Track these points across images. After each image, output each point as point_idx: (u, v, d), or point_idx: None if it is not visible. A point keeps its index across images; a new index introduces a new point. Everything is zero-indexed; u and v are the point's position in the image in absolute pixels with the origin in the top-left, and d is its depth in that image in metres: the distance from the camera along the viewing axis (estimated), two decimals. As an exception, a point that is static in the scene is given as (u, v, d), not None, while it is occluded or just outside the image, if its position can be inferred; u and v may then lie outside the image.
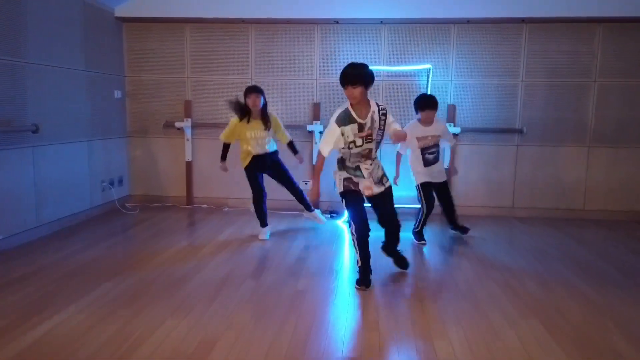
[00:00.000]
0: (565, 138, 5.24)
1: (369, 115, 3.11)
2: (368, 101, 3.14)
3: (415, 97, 4.23)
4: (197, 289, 3.14)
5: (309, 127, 5.33)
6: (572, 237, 4.57)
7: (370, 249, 3.32)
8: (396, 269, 3.56)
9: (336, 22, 5.23)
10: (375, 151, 3.25)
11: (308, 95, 5.43)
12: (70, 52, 4.55)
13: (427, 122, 4.14)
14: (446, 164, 5.30)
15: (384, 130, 3.19)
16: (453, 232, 4.55)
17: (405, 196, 5.21)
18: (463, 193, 5.38)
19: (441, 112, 5.20)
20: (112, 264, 3.57)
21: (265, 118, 4.21)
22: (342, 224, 4.98)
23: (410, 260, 3.69)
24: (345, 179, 3.27)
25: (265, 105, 4.22)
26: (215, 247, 4.06)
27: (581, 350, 2.43)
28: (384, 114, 3.18)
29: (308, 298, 3.04)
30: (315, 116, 5.38)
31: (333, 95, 5.35)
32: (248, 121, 4.17)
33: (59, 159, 4.43)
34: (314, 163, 5.45)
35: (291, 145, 4.48)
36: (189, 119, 5.50)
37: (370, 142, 3.15)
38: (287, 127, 5.37)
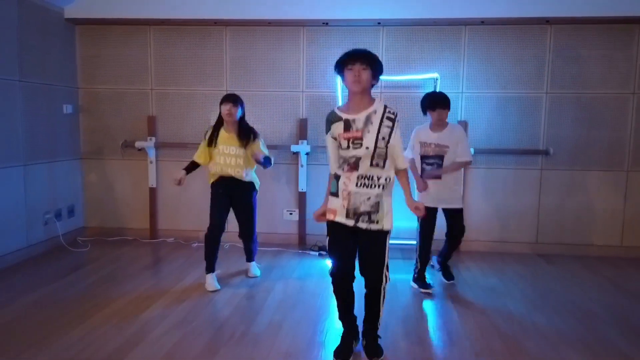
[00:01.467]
0: (599, 161, 4.39)
1: (365, 114, 2.35)
2: (370, 98, 2.41)
3: (422, 99, 3.52)
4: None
5: (294, 148, 4.49)
6: (614, 284, 3.71)
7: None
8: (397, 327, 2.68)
9: (326, 23, 4.42)
10: (373, 166, 2.33)
11: (293, 110, 4.60)
12: (-1, 58, 3.74)
13: (438, 125, 3.40)
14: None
15: (387, 141, 2.35)
16: (437, 266, 3.80)
17: (406, 228, 4.36)
18: (476, 225, 4.52)
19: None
20: (22, 333, 2.70)
21: (242, 133, 3.46)
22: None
23: (413, 321, 2.82)
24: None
25: (243, 119, 3.50)
26: (170, 300, 3.20)
27: None
28: (391, 120, 2.37)
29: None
30: (302, 135, 4.55)
31: (323, 109, 4.49)
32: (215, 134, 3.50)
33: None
34: (300, 189, 4.61)
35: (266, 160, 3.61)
36: (153, 138, 4.66)
37: (358, 147, 2.33)
38: (267, 147, 4.57)
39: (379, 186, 2.35)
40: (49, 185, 4.33)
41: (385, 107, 2.40)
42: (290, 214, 4.65)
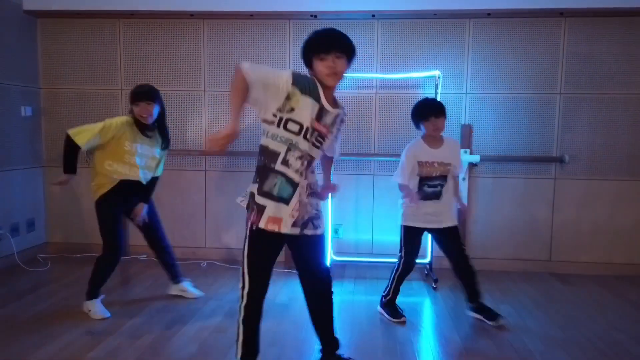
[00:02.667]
0: (620, 169, 3.94)
1: (335, 112, 2.05)
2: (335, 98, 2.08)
3: (412, 108, 2.98)
4: None
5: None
6: (638, 308, 3.25)
7: None
8: None
9: (314, 16, 3.97)
10: (313, 170, 2.09)
11: (278, 113, 4.13)
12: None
13: (436, 138, 2.90)
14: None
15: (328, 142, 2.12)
16: (473, 314, 3.05)
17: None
18: (482, 241, 4.06)
19: (454, 134, 3.94)
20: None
21: (164, 133, 3.07)
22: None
23: (417, 342, 2.36)
24: (255, 205, 2.03)
25: (162, 116, 3.05)
26: (125, 336, 2.71)
27: None
28: (342, 122, 2.16)
29: None
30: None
31: (310, 112, 4.05)
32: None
33: None
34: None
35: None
36: (123, 144, 4.18)
37: (318, 147, 2.03)
38: (249, 154, 4.12)
39: (314, 188, 2.14)
40: (3, 197, 3.85)
41: (344, 109, 2.14)
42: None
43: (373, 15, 3.93)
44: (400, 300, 3.15)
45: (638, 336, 2.80)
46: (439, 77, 3.82)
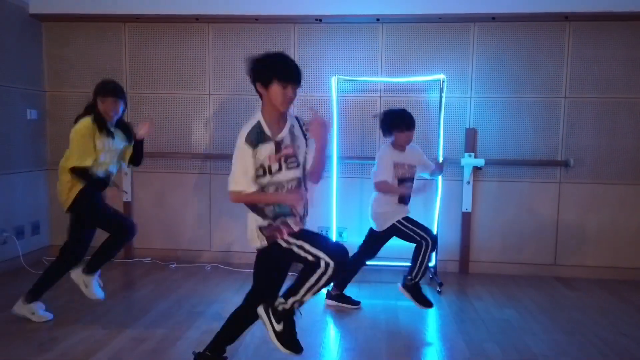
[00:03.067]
0: (625, 173, 3.94)
1: (287, 128, 2.09)
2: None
3: (385, 116, 3.15)
4: None
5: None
6: (648, 315, 3.25)
7: None
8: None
9: (319, 20, 3.98)
10: (306, 187, 2.16)
11: (283, 116, 4.14)
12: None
13: (403, 146, 3.11)
14: (467, 206, 4.00)
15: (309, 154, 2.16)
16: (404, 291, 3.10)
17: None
18: (487, 245, 4.06)
19: (459, 137, 3.94)
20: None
21: (127, 128, 3.04)
22: (325, 289, 3.64)
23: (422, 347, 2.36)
24: (269, 227, 2.05)
25: (123, 112, 3.02)
26: (127, 341, 2.71)
27: None
28: (302, 124, 2.19)
29: None
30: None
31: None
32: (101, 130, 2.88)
33: None
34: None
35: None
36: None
37: (294, 166, 2.07)
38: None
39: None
40: (7, 200, 3.86)
41: (297, 117, 2.20)
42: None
43: (378, 19, 3.94)
44: (405, 304, 3.15)
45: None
46: (443, 81, 3.82)
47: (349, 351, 2.64)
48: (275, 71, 2.00)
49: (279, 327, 2.05)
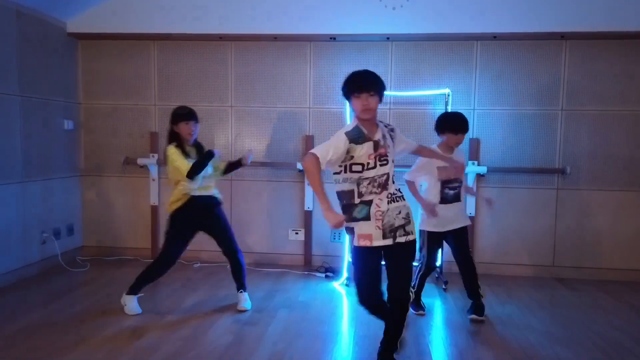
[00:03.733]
0: (619, 180, 4.21)
1: (380, 131, 2.42)
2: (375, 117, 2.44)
3: (440, 117, 3.34)
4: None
5: (300, 165, 4.33)
6: (638, 311, 3.49)
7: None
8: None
9: (333, 38, 4.30)
10: (394, 182, 2.42)
11: (299, 127, 4.46)
12: (-2, 73, 3.64)
13: (451, 148, 3.25)
14: (470, 210, 4.28)
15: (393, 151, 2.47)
16: (470, 315, 3.26)
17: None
18: (489, 248, 4.33)
19: (463, 146, 4.22)
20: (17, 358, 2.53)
21: (200, 146, 3.35)
22: (340, 287, 3.93)
23: (429, 339, 2.62)
24: (347, 229, 2.42)
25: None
26: (165, 328, 3.01)
27: None
28: (392, 131, 2.51)
29: None
30: (308, 151, 4.39)
31: (330, 125, 4.37)
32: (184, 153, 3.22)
33: (-26, 207, 3.46)
34: (307, 208, 4.45)
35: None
36: (155, 155, 4.53)
37: (385, 164, 2.37)
38: (273, 165, 4.45)
39: (402, 197, 2.42)
40: (47, 203, 4.20)
41: (382, 122, 2.48)
42: (296, 233, 4.48)
43: (388, 38, 4.26)
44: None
45: (634, 335, 3.03)
46: (448, 95, 4.13)
47: (363, 338, 2.92)
48: (348, 87, 2.33)
49: None
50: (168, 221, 3.27)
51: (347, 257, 4.22)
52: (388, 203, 2.35)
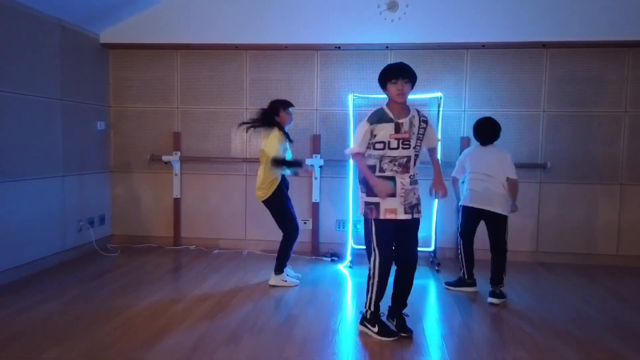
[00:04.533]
0: (595, 175, 4.68)
1: (408, 118, 2.85)
2: (408, 106, 2.91)
3: (495, 123, 3.86)
4: (163, 356, 2.58)
5: (309, 161, 4.82)
6: (609, 290, 3.95)
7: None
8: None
9: (338, 47, 4.80)
10: (414, 165, 2.87)
11: (307, 127, 4.96)
12: (43, 79, 4.15)
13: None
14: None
15: (420, 142, 2.90)
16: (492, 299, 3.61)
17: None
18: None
19: (454, 145, 4.72)
20: (66, 324, 3.03)
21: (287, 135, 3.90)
22: (344, 269, 4.41)
23: (424, 314, 3.11)
24: (367, 204, 2.88)
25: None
26: (193, 301, 3.51)
27: None
28: (425, 122, 2.92)
29: (294, 374, 2.47)
30: (315, 149, 4.89)
31: (335, 126, 4.87)
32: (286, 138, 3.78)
33: (25, 197, 3.97)
34: (314, 200, 4.93)
35: None
36: (178, 152, 5.04)
37: (407, 148, 2.82)
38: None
39: (417, 181, 2.91)
40: (82, 196, 4.70)
41: (418, 111, 2.91)
42: (305, 223, 4.96)
43: (387, 47, 4.75)
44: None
45: (604, 309, 3.48)
46: (441, 98, 4.62)
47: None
48: (387, 75, 2.85)
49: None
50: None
51: (350, 244, 4.71)
52: (410, 184, 2.82)
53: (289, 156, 3.79)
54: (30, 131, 4.01)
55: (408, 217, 2.83)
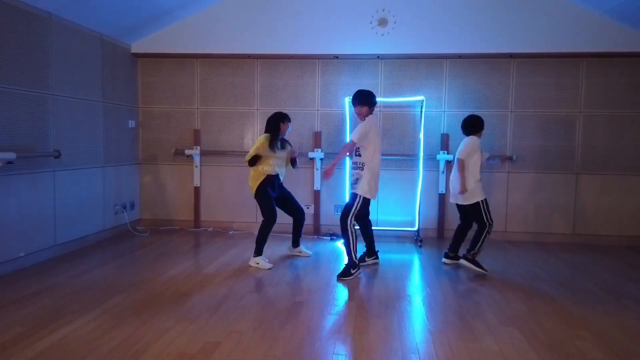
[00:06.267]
0: (554, 165, 5.49)
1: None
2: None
3: (469, 119, 4.40)
4: (201, 301, 3.38)
5: (310, 154, 5.63)
6: (562, 260, 4.76)
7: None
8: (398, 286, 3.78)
9: (336, 57, 5.60)
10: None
11: (309, 125, 5.75)
12: (89, 85, 4.94)
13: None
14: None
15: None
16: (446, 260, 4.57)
17: (403, 220, 5.48)
18: (456, 217, 5.60)
19: (435, 140, 5.52)
20: (120, 281, 3.81)
21: (285, 141, 4.58)
22: (341, 245, 5.21)
23: (407, 277, 3.93)
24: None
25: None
26: (219, 266, 4.30)
27: (554, 355, 2.63)
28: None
29: (305, 309, 3.26)
30: (317, 144, 5.69)
31: (333, 124, 5.67)
32: (278, 146, 4.41)
33: (76, 184, 4.75)
34: (315, 188, 5.72)
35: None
36: (198, 147, 5.83)
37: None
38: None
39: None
40: (117, 184, 5.49)
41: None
42: (307, 207, 5.75)
43: (378, 57, 5.56)
44: (397, 257, 4.73)
45: (556, 276, 4.22)
46: (424, 100, 5.43)
47: (360, 278, 4.21)
48: (371, 100, 4.01)
49: None
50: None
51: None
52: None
53: (280, 155, 4.41)
54: (80, 129, 4.80)
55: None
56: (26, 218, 4.12)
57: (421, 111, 5.45)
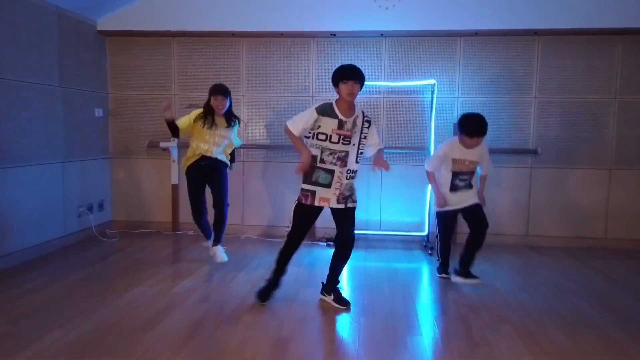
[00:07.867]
0: (584, 159, 4.80)
1: (353, 118, 3.05)
2: (354, 105, 3.10)
3: (461, 118, 3.53)
4: (164, 336, 2.69)
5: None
6: (595, 270, 4.09)
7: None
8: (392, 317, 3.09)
9: (333, 35, 4.86)
10: (356, 162, 3.09)
11: (303, 114, 5.03)
12: (42, 67, 4.20)
13: (470, 146, 3.48)
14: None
15: (364, 140, 3.10)
16: (444, 275, 3.80)
17: (410, 222, 4.80)
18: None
19: (447, 131, 4.82)
20: (71, 304, 3.13)
21: (232, 115, 4.07)
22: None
23: (417, 296, 3.23)
24: (303, 190, 3.06)
25: (230, 107, 4.05)
26: (194, 282, 3.61)
27: None
28: (368, 122, 3.12)
29: (292, 349, 2.58)
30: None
31: (330, 113, 4.95)
32: (207, 125, 3.90)
33: (25, 183, 4.04)
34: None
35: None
36: (176, 139, 5.09)
37: (347, 144, 3.02)
38: (282, 147, 5.02)
39: (354, 177, 3.12)
40: (81, 182, 4.78)
41: (363, 112, 3.11)
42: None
43: (381, 34, 4.82)
44: (403, 266, 4.05)
45: (594, 293, 3.56)
46: (434, 85, 4.70)
47: (359, 287, 3.53)
48: (339, 74, 3.01)
49: None
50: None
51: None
52: (347, 178, 3.04)
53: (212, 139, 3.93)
54: (33, 118, 4.08)
55: (341, 206, 3.06)
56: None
57: (432, 97, 4.72)
